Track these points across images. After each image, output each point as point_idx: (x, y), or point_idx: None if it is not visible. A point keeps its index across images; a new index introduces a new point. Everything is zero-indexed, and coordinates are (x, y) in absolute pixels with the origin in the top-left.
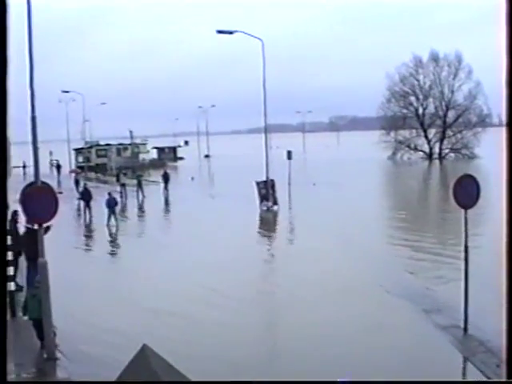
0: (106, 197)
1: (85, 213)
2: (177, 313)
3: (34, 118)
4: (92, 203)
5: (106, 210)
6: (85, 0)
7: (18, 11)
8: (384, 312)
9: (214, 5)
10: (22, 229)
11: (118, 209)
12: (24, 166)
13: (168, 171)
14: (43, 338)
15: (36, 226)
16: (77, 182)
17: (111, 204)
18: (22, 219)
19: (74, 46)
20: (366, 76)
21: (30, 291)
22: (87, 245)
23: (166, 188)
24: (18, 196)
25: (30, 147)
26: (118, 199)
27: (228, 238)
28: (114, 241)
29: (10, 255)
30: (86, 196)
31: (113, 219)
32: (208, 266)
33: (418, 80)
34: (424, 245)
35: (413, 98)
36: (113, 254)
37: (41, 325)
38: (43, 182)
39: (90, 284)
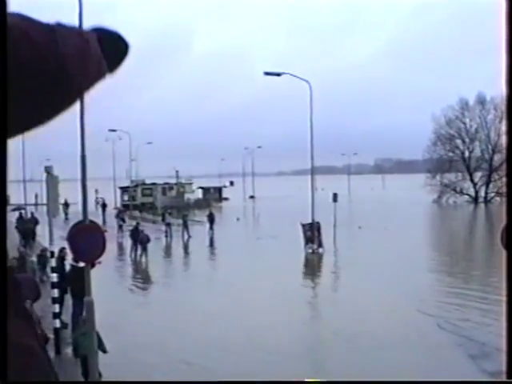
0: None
1: (135, 251)
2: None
3: (83, 158)
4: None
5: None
6: (144, 41)
7: None
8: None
9: (263, 48)
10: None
11: (162, 247)
12: (66, 204)
13: (213, 211)
14: (87, 376)
15: (82, 264)
16: (122, 220)
17: (143, 240)
18: (68, 256)
19: (126, 85)
20: (412, 118)
21: (78, 330)
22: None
23: (211, 228)
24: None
25: (78, 184)
26: (163, 238)
27: (273, 281)
28: (146, 279)
29: (56, 292)
30: (135, 235)
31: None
32: (253, 312)
33: (464, 123)
34: (471, 292)
35: (459, 141)
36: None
37: (87, 362)
38: (91, 221)
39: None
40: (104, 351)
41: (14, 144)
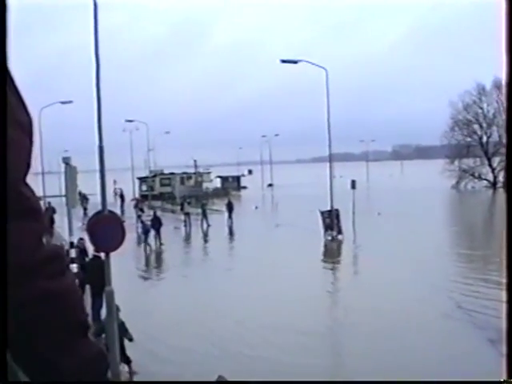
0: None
1: (155, 239)
2: None
3: (101, 148)
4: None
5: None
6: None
7: (86, 42)
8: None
9: (281, 36)
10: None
11: (181, 236)
12: (85, 198)
13: (232, 200)
14: (128, 360)
15: (102, 254)
16: (141, 210)
17: (155, 225)
18: (88, 246)
19: (144, 75)
20: (430, 104)
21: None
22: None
23: (230, 217)
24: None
25: (96, 176)
26: (182, 228)
27: (293, 268)
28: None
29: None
30: (155, 223)
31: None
32: (273, 299)
33: (481, 108)
34: (492, 278)
35: (476, 126)
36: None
37: (122, 348)
38: (110, 211)
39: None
40: (130, 339)
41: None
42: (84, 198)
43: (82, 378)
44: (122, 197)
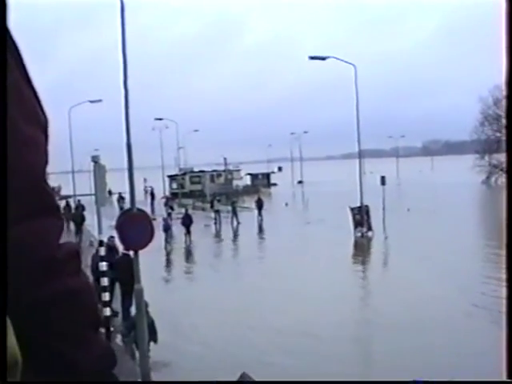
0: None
1: (185, 237)
2: None
3: (129, 146)
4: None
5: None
6: (197, 30)
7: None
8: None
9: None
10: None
11: (212, 233)
12: (121, 197)
13: (261, 197)
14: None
15: (132, 253)
16: (171, 208)
17: (185, 222)
18: (118, 244)
19: (176, 74)
20: (460, 99)
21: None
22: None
23: (259, 214)
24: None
25: (126, 174)
26: (213, 225)
27: (323, 265)
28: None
29: (105, 281)
30: (186, 221)
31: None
32: (304, 299)
33: None
34: None
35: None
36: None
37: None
38: (139, 209)
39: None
40: (155, 341)
41: (61, 136)
42: (120, 198)
43: (93, 371)
44: (152, 195)
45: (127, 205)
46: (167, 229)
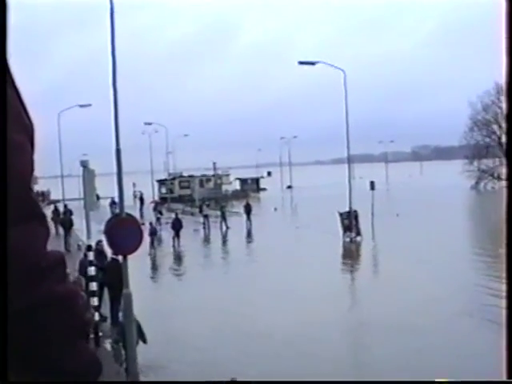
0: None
1: (173, 241)
2: None
3: (118, 151)
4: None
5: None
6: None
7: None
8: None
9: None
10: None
11: (200, 238)
12: (113, 202)
13: (251, 202)
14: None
15: (120, 257)
16: (160, 213)
17: (175, 226)
18: (106, 249)
19: (165, 77)
20: (450, 105)
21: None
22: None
23: (248, 219)
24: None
25: (115, 178)
26: (201, 230)
27: (312, 270)
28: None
29: (94, 286)
30: (176, 225)
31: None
32: (296, 302)
33: (500, 108)
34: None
35: (495, 127)
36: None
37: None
38: (128, 214)
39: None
40: (144, 341)
41: (50, 140)
42: (113, 203)
43: (79, 378)
44: (141, 199)
45: (116, 210)
46: (152, 233)
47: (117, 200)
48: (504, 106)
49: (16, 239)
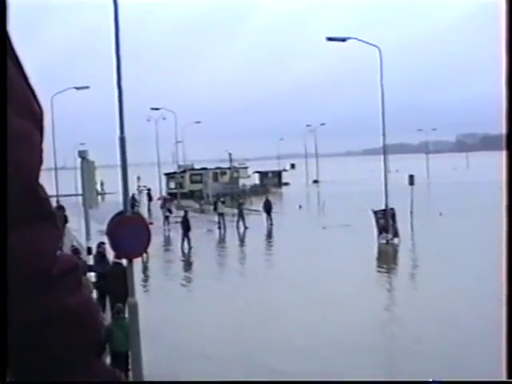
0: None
1: (183, 241)
2: None
3: (122, 140)
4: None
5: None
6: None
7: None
8: None
9: (326, 16)
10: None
11: (215, 239)
12: (102, 192)
13: (272, 199)
14: (127, 371)
15: (125, 261)
16: (169, 211)
17: (184, 227)
18: (108, 251)
19: (175, 59)
20: (499, 87)
21: (115, 322)
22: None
23: (269, 218)
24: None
25: (117, 171)
26: (216, 230)
27: (342, 277)
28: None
29: (94, 294)
30: (185, 225)
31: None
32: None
33: None
34: None
35: None
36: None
37: (126, 358)
38: (133, 211)
39: None
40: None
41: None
42: (133, 200)
43: None
44: (149, 196)
45: (139, 208)
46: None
47: (118, 196)
48: None
49: (20, 242)
